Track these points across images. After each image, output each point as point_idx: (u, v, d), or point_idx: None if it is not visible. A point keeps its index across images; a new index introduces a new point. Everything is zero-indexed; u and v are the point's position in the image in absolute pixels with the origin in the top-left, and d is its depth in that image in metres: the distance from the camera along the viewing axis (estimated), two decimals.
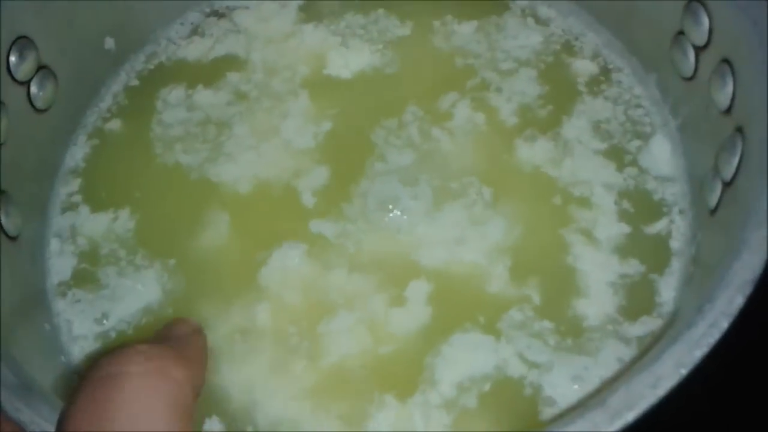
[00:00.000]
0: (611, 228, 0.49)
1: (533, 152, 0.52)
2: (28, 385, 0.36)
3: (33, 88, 0.50)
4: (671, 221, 0.49)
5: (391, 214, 0.51)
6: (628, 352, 0.45)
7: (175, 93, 0.57)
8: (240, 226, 0.51)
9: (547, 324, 0.46)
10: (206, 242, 0.51)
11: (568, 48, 0.57)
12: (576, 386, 0.45)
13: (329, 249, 0.50)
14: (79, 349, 0.48)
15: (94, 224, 0.52)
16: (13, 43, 0.48)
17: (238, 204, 0.52)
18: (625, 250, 0.48)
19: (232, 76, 0.58)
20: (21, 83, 0.49)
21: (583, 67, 0.56)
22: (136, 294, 0.49)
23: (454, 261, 0.49)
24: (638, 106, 0.54)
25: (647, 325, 0.46)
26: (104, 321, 0.49)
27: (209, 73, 0.58)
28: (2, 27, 0.47)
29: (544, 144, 0.52)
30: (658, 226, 0.49)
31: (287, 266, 0.49)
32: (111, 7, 0.56)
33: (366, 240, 0.50)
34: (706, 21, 0.45)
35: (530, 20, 0.59)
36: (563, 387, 0.44)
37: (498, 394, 0.45)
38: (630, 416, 0.31)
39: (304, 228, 0.50)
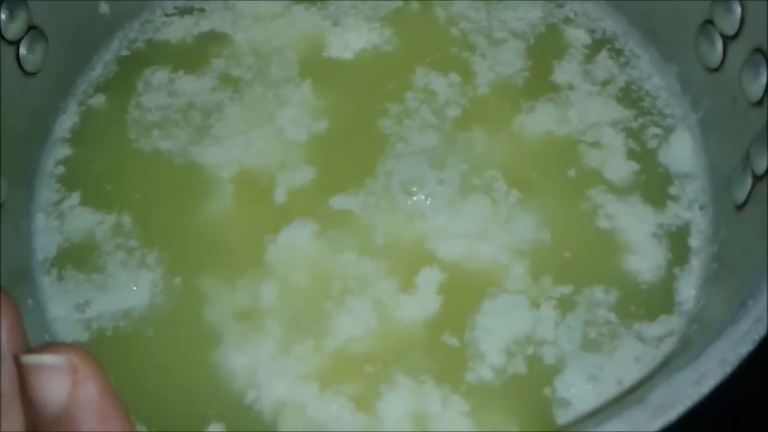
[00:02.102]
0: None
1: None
2: None
3: (22, 50, 0.47)
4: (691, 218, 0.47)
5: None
6: (646, 352, 0.43)
7: (158, 75, 0.54)
8: (245, 205, 0.49)
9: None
10: (207, 222, 0.48)
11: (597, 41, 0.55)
12: (590, 386, 0.43)
13: (342, 230, 0.47)
14: (62, 330, 0.45)
15: (83, 214, 0.49)
16: (3, 0, 0.45)
17: (241, 183, 0.49)
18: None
19: (218, 62, 0.55)
20: (10, 43, 0.46)
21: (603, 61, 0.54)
22: (127, 293, 0.46)
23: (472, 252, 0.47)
24: (656, 96, 0.52)
25: (666, 324, 0.44)
26: (86, 309, 0.46)
27: (193, 56, 0.55)
28: None
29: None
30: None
31: (296, 246, 0.47)
32: None
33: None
34: (738, 9, 0.43)
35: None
36: (578, 387, 0.43)
37: (511, 394, 0.43)
38: (673, 414, 0.29)
39: (319, 205, 0.48)
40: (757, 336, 0.31)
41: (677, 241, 0.47)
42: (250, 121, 0.52)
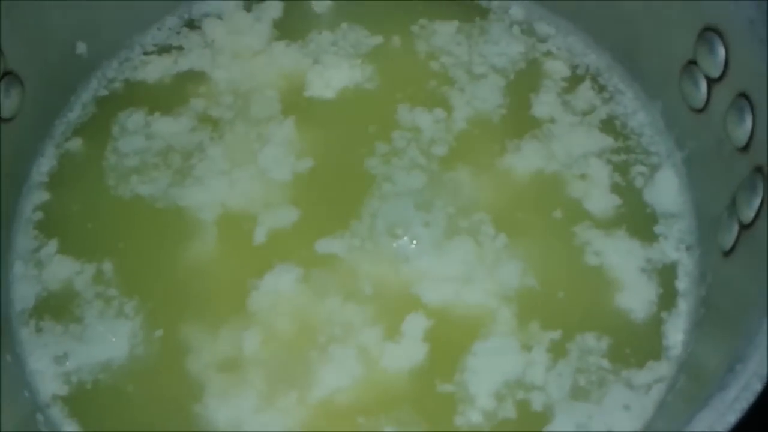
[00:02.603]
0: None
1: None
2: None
3: None
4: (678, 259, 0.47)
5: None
6: (635, 399, 0.43)
7: (134, 118, 0.53)
8: (228, 250, 0.48)
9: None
10: (190, 268, 0.48)
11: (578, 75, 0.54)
12: None
13: (326, 274, 0.47)
14: (42, 385, 0.44)
15: (61, 262, 0.48)
16: None
17: (224, 225, 0.49)
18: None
19: (196, 102, 0.54)
20: None
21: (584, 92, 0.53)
22: (106, 344, 0.45)
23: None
24: (641, 133, 0.51)
25: (655, 370, 0.44)
26: (65, 362, 0.45)
27: (170, 96, 0.54)
28: None
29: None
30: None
31: (279, 291, 0.46)
32: (85, 8, 0.52)
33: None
34: (722, 52, 0.43)
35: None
36: None
37: None
38: None
39: (303, 249, 0.48)
40: (745, 404, 0.30)
41: (665, 283, 0.46)
42: (233, 160, 0.51)
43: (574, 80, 0.54)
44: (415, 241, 0.48)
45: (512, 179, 0.50)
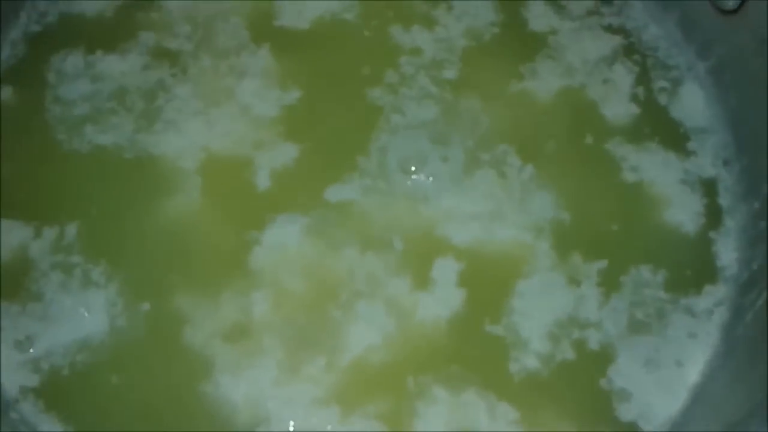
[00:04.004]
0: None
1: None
2: None
3: None
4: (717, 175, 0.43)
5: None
6: (700, 327, 0.39)
7: (71, 60, 0.45)
8: (217, 202, 0.40)
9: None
10: (174, 225, 0.40)
11: None
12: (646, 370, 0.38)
13: (336, 222, 0.40)
14: (6, 378, 0.36)
15: (9, 230, 0.40)
16: None
17: (211, 173, 0.41)
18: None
19: (146, 35, 0.46)
20: None
21: None
22: (78, 319, 0.37)
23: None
24: (656, 48, 0.47)
25: (713, 294, 0.40)
26: (30, 348, 0.37)
27: (113, 31, 0.46)
28: None
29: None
30: None
31: (286, 244, 0.39)
32: None
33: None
34: None
35: None
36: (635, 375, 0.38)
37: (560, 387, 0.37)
38: None
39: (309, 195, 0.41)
40: None
41: (708, 197, 0.43)
42: (207, 98, 0.43)
43: None
44: (431, 178, 0.42)
45: (535, 105, 0.45)
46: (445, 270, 0.40)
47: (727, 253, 0.41)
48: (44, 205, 0.40)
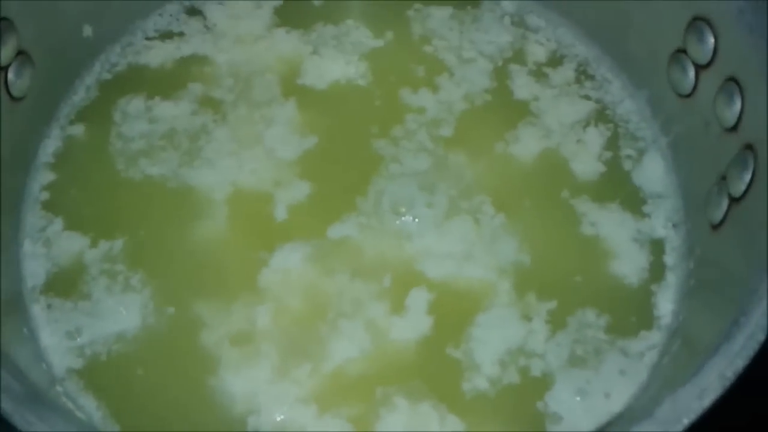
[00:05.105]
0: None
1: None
2: (35, 395, 0.32)
3: (10, 75, 0.46)
4: (665, 236, 0.50)
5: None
6: (631, 366, 0.45)
7: (134, 104, 0.54)
8: (239, 226, 0.49)
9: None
10: (202, 245, 0.49)
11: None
12: (578, 398, 0.44)
13: (333, 252, 0.48)
14: (56, 359, 0.45)
15: (69, 240, 0.49)
16: None
17: (236, 204, 0.50)
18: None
19: (194, 86, 0.55)
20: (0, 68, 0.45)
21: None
22: (117, 316, 0.46)
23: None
24: (627, 121, 0.54)
25: (647, 339, 0.46)
26: (77, 337, 0.46)
27: (170, 80, 0.55)
28: None
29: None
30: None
31: (289, 268, 0.48)
32: None
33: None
34: (711, 40, 0.46)
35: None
36: (568, 401, 0.44)
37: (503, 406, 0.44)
38: (679, 427, 0.31)
39: (315, 228, 0.49)
40: (751, 351, 0.33)
41: (655, 256, 0.49)
42: (240, 141, 0.52)
43: (551, 63, 0.56)
44: (417, 219, 0.50)
45: (514, 164, 0.52)
46: (418, 299, 0.47)
47: (665, 304, 0.47)
48: (101, 222, 0.49)
